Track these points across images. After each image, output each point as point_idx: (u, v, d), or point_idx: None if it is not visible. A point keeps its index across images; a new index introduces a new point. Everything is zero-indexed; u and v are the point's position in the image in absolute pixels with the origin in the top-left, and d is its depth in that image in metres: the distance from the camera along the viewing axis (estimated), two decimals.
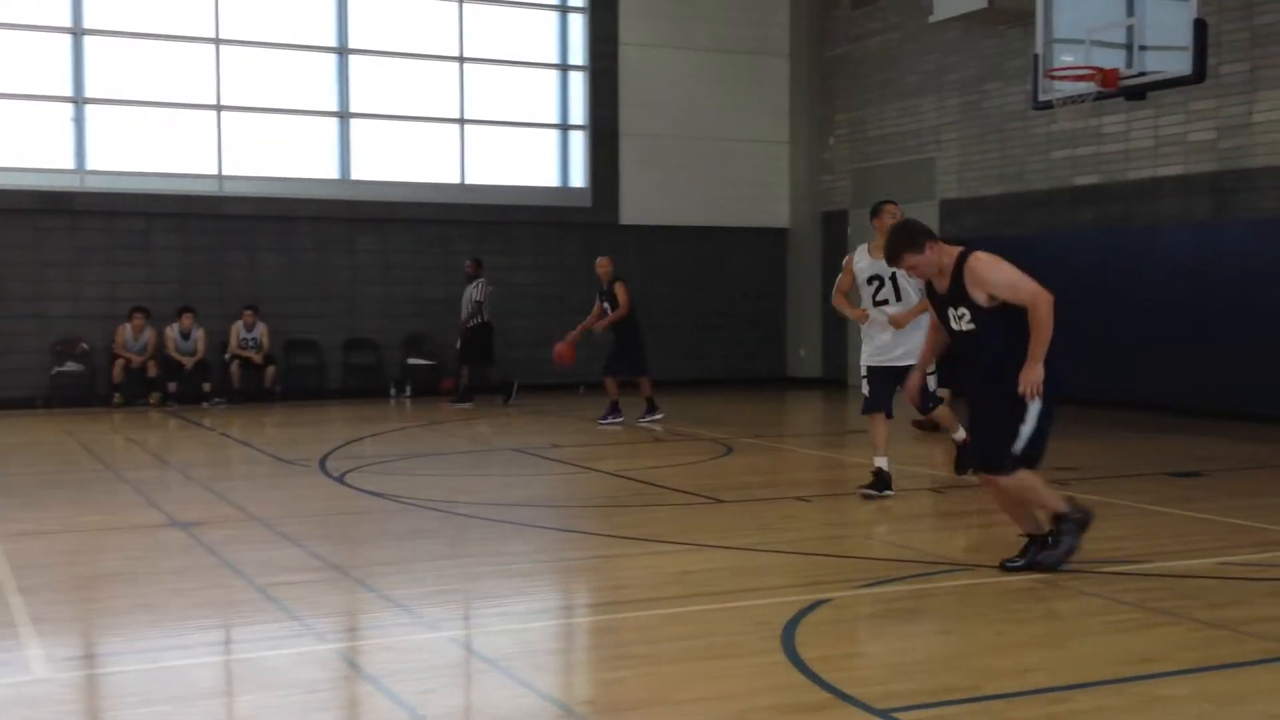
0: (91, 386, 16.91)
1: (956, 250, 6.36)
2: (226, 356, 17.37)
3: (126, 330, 16.82)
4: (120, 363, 16.75)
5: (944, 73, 18.44)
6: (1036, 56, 13.22)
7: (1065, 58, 12.96)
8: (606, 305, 14.70)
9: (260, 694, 4.91)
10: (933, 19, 17.44)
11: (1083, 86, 12.53)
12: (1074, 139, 16.25)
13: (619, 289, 14.57)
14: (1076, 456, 11.18)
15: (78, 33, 17.23)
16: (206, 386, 17.08)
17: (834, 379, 20.19)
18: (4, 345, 16.79)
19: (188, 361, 17.04)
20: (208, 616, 6.14)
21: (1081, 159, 16.29)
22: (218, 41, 17.88)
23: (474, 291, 17.17)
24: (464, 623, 6.10)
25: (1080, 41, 12.70)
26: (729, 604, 6.07)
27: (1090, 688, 4.79)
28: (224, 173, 17.95)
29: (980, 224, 17.73)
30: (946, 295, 6.37)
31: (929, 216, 18.66)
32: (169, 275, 17.53)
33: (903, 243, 6.44)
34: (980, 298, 6.24)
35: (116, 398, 16.72)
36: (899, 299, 9.02)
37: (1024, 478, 6.39)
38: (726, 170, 20.47)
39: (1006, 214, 17.39)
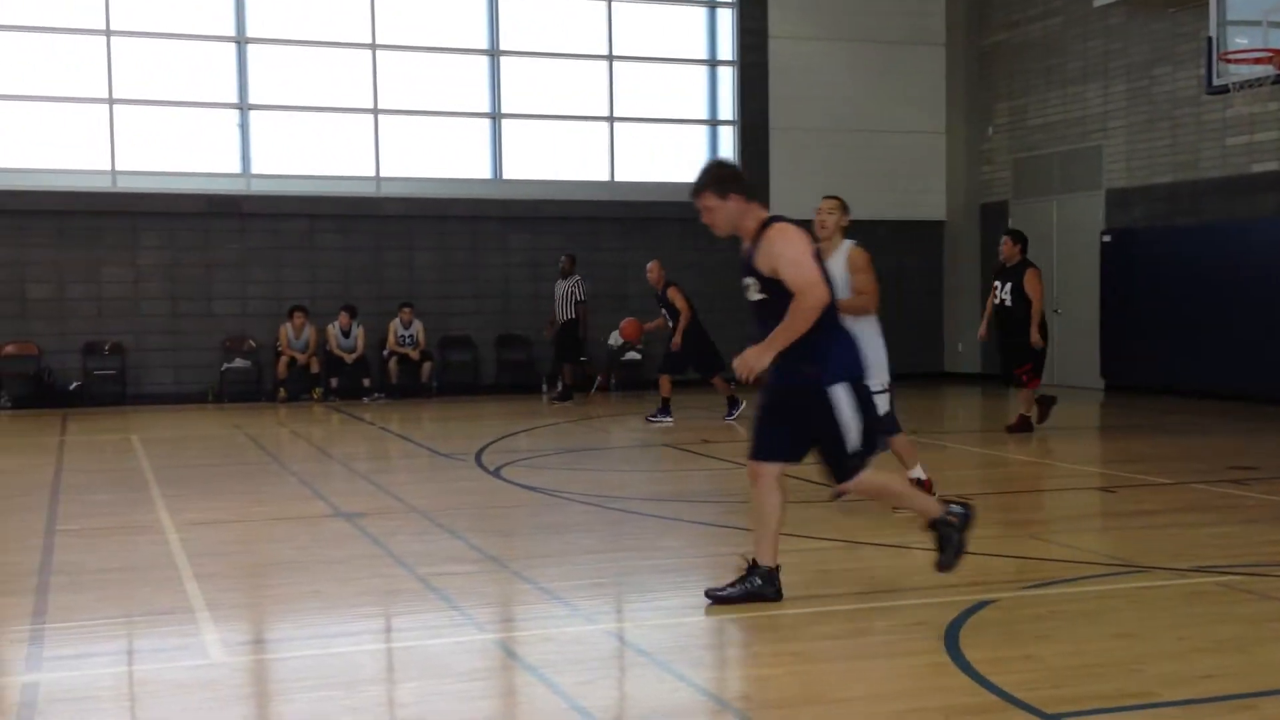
0: (258, 382, 17.48)
1: (764, 216, 5.84)
2: (385, 353, 17.77)
3: (288, 328, 17.33)
4: (284, 359, 17.27)
5: (1110, 58, 17.85)
6: (1210, 40, 12.72)
7: (1240, 40, 12.45)
8: (666, 313, 14.49)
9: (423, 681, 4.98)
10: (1097, 3, 16.91)
11: (1260, 70, 12.00)
12: (1251, 124, 15.57)
13: (674, 294, 14.32)
14: (1257, 455, 10.70)
15: (241, 41, 17.82)
16: (366, 382, 17.50)
17: (994, 374, 19.70)
18: (178, 342, 17.46)
19: (348, 358, 17.48)
20: (372, 604, 6.26)
21: (1260, 145, 15.60)
22: (374, 47, 18.30)
23: (570, 288, 17.23)
24: (619, 616, 6.10)
25: (1256, 23, 12.17)
26: (887, 603, 5.95)
27: (1278, 696, 4.56)
28: (381, 174, 18.37)
29: (1150, 214, 17.13)
30: (744, 261, 5.85)
31: (1094, 207, 18.13)
32: (330, 275, 18.01)
33: (710, 180, 5.86)
34: (765, 268, 5.73)
35: (281, 393, 17.25)
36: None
37: (871, 480, 5.95)
38: (879, 163, 20.17)
39: (1179, 203, 16.76)
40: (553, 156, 19.14)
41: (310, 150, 18.19)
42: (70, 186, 16.99)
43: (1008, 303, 11.87)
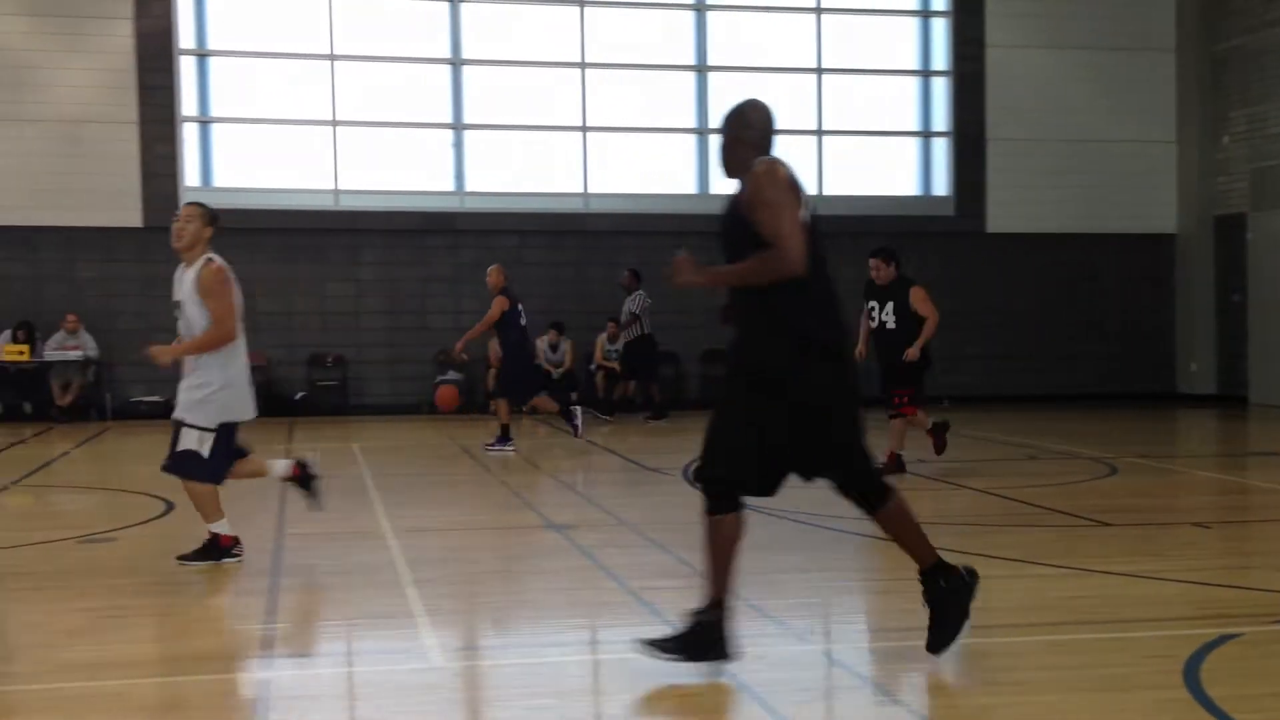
0: (470, 394, 17.90)
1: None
2: (591, 367, 17.97)
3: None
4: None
5: None
6: None
7: None
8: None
9: (634, 694, 4.95)
10: None
11: None
12: None
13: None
14: None
15: (456, 63, 18.33)
16: (573, 396, 17.72)
17: (1232, 395, 18.75)
18: (395, 355, 18.04)
19: (555, 372, 17.75)
20: (583, 616, 6.30)
21: None
22: (583, 66, 18.58)
23: (631, 304, 16.99)
24: (830, 636, 5.98)
25: None
26: (1119, 634, 5.65)
27: None
28: (589, 190, 18.62)
29: None
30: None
31: None
32: (539, 290, 18.33)
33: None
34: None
35: (491, 405, 17.61)
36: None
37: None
38: (1104, 174, 19.42)
39: None
40: None
41: (519, 168, 18.58)
42: (297, 205, 17.76)
43: (889, 325, 10.94)
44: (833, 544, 8.12)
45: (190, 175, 17.59)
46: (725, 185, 5.48)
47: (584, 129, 18.64)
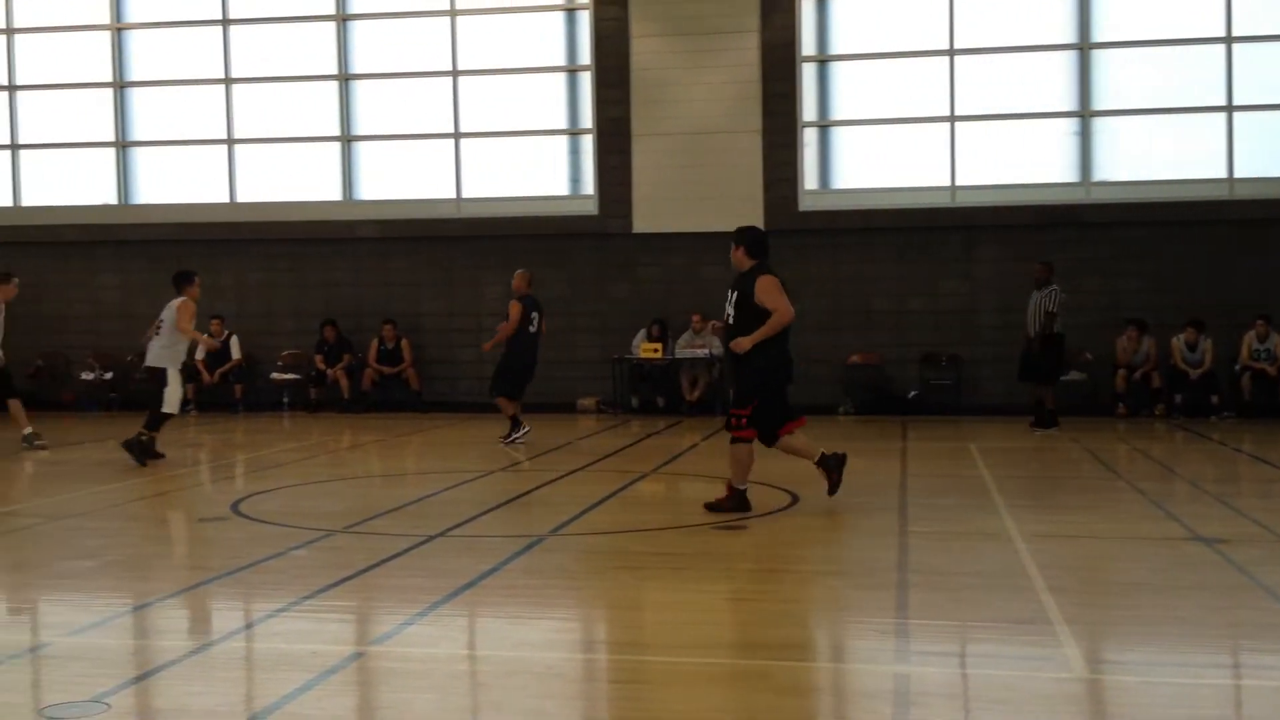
0: (1094, 395, 16.92)
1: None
2: (1236, 368, 16.34)
3: (1123, 341, 16.63)
4: (1121, 373, 16.57)
5: None
6: None
7: None
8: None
9: None
10: None
11: None
12: None
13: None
14: None
15: (1084, 48, 17.41)
16: (1215, 399, 16.23)
17: None
18: (1005, 354, 17.44)
19: (1193, 373, 16.33)
20: (1245, 637, 5.60)
21: None
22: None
23: (1045, 300, 14.80)
24: None
25: None
26: None
27: None
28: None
29: None
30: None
31: None
32: (1175, 285, 16.98)
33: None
34: None
35: (1120, 408, 16.56)
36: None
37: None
38: None
39: None
40: None
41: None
42: (912, 204, 17.69)
43: (731, 319, 8.97)
44: None
45: (809, 179, 18.08)
46: None
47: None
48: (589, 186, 18.52)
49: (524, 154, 18.72)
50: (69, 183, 19.54)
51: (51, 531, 8.52)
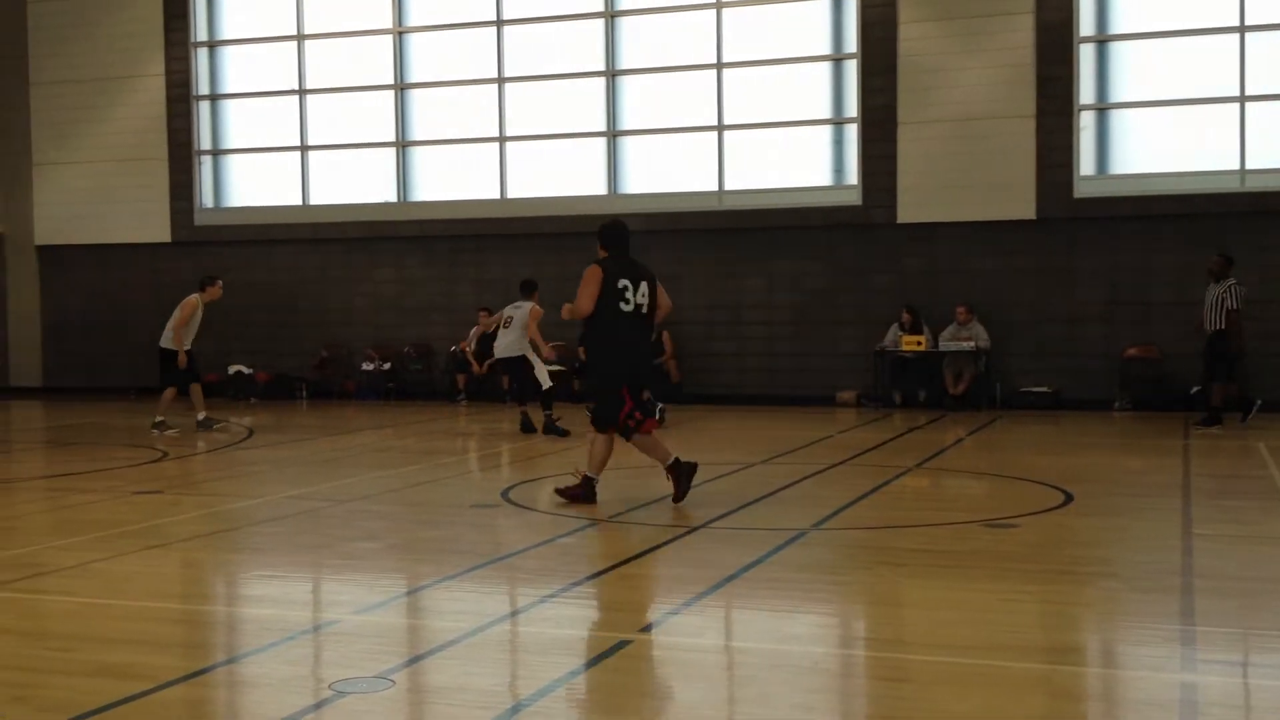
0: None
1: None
2: None
3: None
4: None
5: None
6: None
7: None
8: None
9: None
10: None
11: None
12: None
13: None
14: None
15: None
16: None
17: None
18: None
19: None
20: None
21: None
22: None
23: (1224, 295, 14.05)
24: None
25: None
26: None
27: None
28: None
29: None
30: None
31: None
32: None
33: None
34: None
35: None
36: None
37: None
38: None
39: None
40: None
41: None
42: (1194, 189, 16.72)
43: (644, 309, 8.83)
44: None
45: (1085, 165, 17.33)
46: None
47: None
48: (852, 176, 18.29)
49: (786, 145, 18.65)
50: (351, 182, 20.61)
51: (337, 514, 9.01)
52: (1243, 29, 16.61)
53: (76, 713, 4.47)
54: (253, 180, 21.14)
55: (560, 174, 19.52)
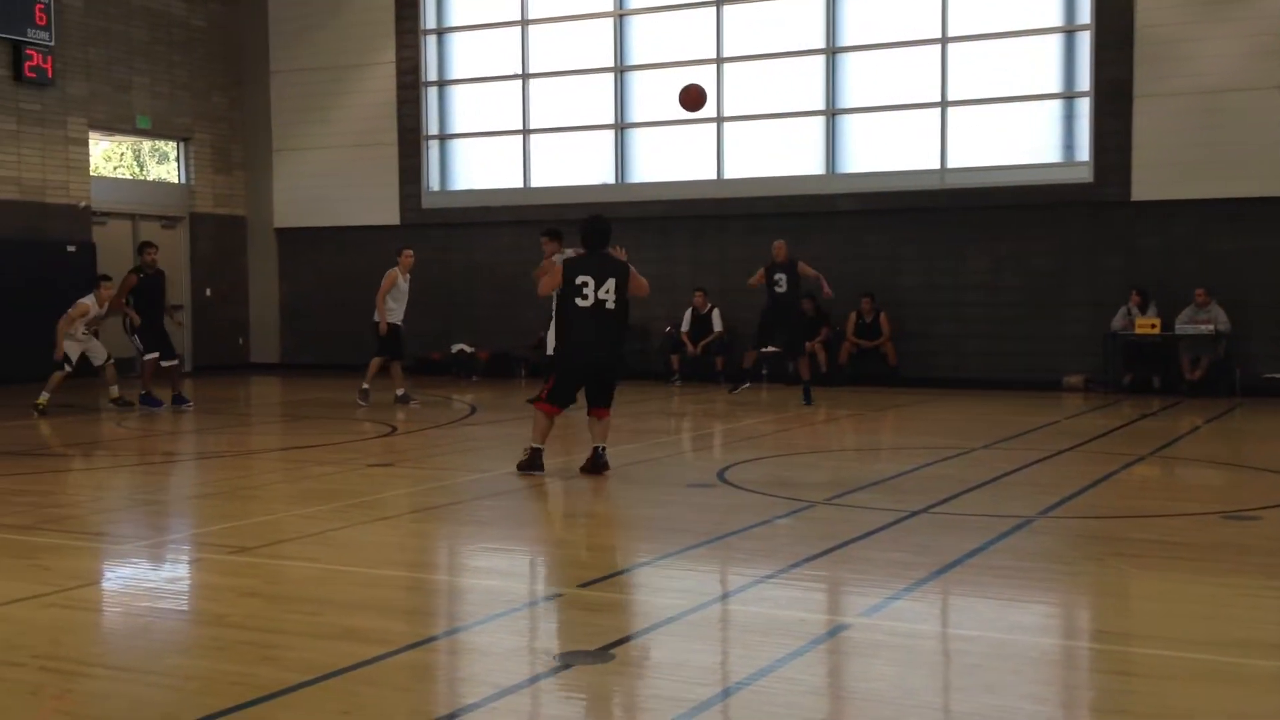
0: None
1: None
2: None
3: None
4: None
5: None
6: None
7: None
8: None
9: None
10: None
11: None
12: None
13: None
14: None
15: None
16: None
17: None
18: None
19: None
20: None
21: None
22: None
23: None
24: None
25: None
26: None
27: None
28: None
29: None
30: None
31: None
32: None
33: None
34: None
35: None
36: None
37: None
38: None
39: None
40: None
41: None
42: None
43: (607, 304, 9.66)
44: None
45: None
46: None
47: None
48: (1084, 153, 17.62)
49: (1013, 121, 18.09)
50: (570, 164, 20.94)
51: (556, 490, 9.20)
52: None
53: (320, 673, 4.69)
54: (477, 164, 21.71)
55: (776, 154, 19.41)
